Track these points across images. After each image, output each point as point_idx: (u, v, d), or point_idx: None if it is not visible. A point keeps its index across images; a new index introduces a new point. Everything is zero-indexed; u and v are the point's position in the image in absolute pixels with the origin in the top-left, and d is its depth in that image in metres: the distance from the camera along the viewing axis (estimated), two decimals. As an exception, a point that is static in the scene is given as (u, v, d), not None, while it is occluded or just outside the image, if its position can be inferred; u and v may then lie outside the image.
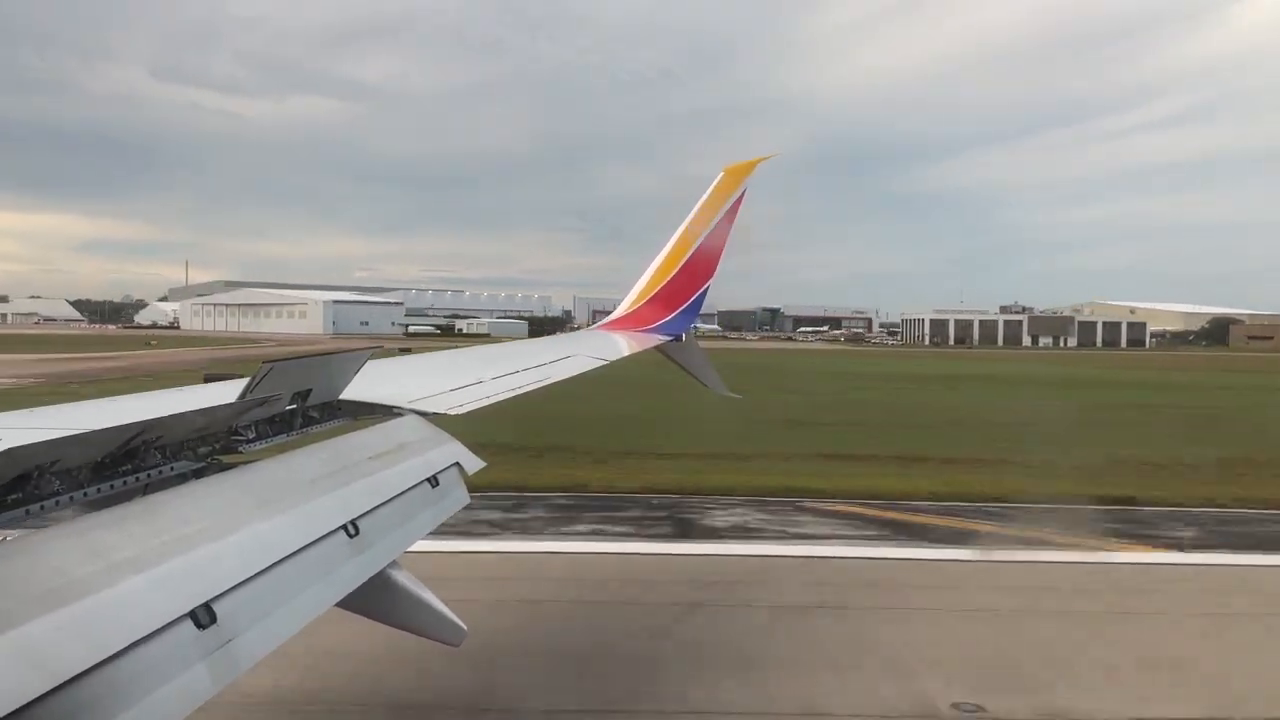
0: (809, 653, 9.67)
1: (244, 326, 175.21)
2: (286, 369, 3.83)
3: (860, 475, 20.46)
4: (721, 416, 26.82)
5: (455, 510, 4.32)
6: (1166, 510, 17.78)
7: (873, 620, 10.64)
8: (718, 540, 15.20)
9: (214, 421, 3.70)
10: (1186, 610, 11.38)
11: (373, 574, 3.45)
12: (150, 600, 2.39)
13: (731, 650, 9.64)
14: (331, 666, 8.71)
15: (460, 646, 4.37)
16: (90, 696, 2.06)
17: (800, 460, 22.97)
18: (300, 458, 3.74)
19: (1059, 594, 11.81)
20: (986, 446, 25.98)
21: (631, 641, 10.01)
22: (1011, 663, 9.45)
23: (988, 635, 10.29)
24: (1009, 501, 18.10)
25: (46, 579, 2.23)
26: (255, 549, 2.90)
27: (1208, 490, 19.22)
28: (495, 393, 5.96)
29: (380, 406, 4.87)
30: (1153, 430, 32.48)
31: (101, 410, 4.07)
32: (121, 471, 3.24)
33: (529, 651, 9.63)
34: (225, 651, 2.48)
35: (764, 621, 10.63)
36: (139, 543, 2.56)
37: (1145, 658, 9.69)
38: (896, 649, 9.68)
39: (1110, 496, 18.47)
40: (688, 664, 9.25)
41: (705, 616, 10.69)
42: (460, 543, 12.97)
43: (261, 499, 3.21)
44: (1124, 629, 10.62)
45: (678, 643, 9.79)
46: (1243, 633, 10.64)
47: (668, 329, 11.26)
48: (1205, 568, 13.70)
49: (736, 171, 11.38)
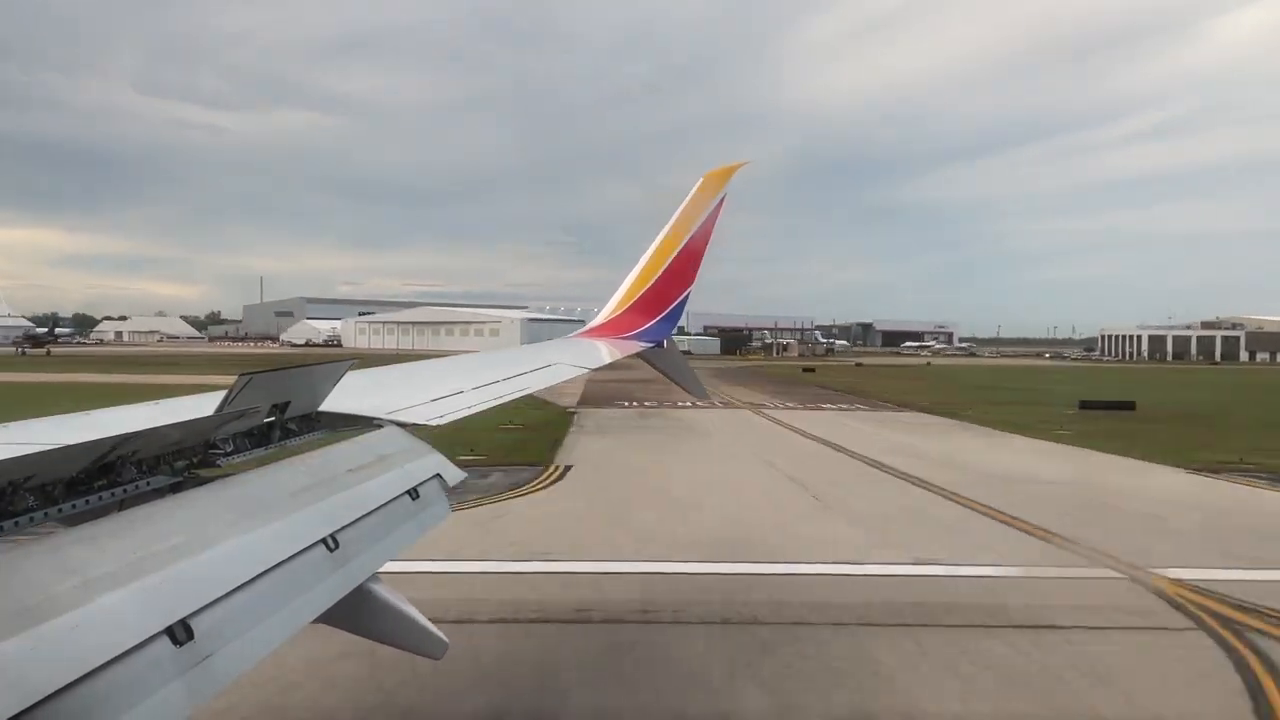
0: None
1: (418, 345, 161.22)
2: (265, 381, 3.81)
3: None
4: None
5: (437, 523, 4.30)
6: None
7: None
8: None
9: (191, 435, 3.67)
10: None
11: (353, 588, 3.43)
12: (126, 617, 2.36)
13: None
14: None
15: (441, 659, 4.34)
16: (65, 716, 2.04)
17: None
18: (279, 471, 3.71)
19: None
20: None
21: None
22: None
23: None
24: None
25: (20, 596, 2.20)
26: (233, 564, 2.87)
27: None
28: (477, 402, 5.94)
29: (360, 418, 4.84)
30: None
31: (76, 424, 4.02)
32: (97, 487, 3.20)
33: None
34: (203, 668, 2.46)
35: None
36: (114, 559, 2.53)
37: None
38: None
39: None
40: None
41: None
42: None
43: (240, 513, 3.18)
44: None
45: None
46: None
47: (649, 335, 11.27)
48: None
49: (717, 177, 11.43)
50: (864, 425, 35.91)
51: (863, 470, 23.81)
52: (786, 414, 39.79)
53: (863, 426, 35.51)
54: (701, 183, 11.42)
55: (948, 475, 22.63)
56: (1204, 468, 24.42)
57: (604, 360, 9.70)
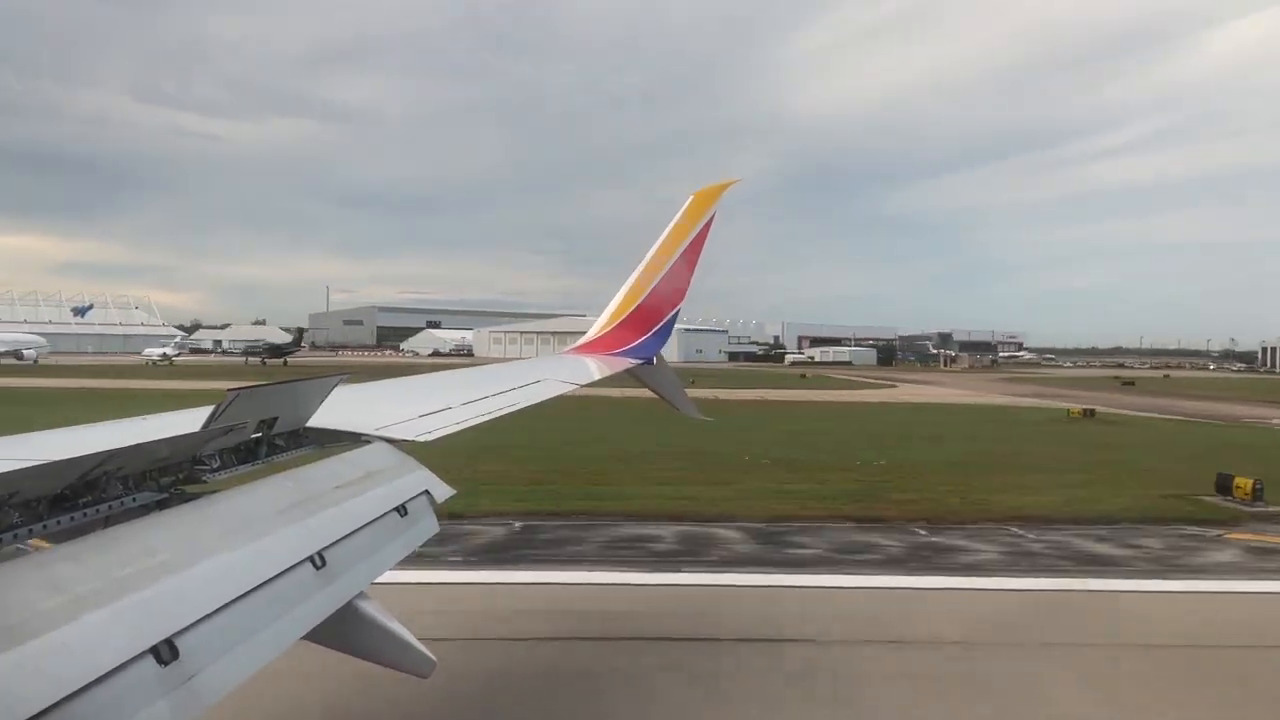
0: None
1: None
2: (252, 396, 3.79)
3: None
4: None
5: (425, 539, 4.28)
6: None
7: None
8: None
9: (177, 451, 3.64)
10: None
11: (340, 605, 3.41)
12: (111, 636, 2.34)
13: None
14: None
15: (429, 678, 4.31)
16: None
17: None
18: (266, 487, 3.69)
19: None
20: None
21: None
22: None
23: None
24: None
25: (4, 614, 2.18)
26: (219, 582, 2.85)
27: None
28: (466, 419, 5.92)
29: (347, 434, 4.82)
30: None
31: (62, 440, 3.99)
32: (82, 503, 3.17)
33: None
34: (188, 688, 2.43)
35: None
36: (99, 576, 2.50)
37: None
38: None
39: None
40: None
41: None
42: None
43: (226, 530, 3.16)
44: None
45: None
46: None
47: (639, 352, 11.27)
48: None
49: (706, 196, 11.47)
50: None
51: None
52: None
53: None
54: (691, 201, 11.46)
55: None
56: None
57: (594, 376, 9.69)
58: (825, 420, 45.79)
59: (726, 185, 11.61)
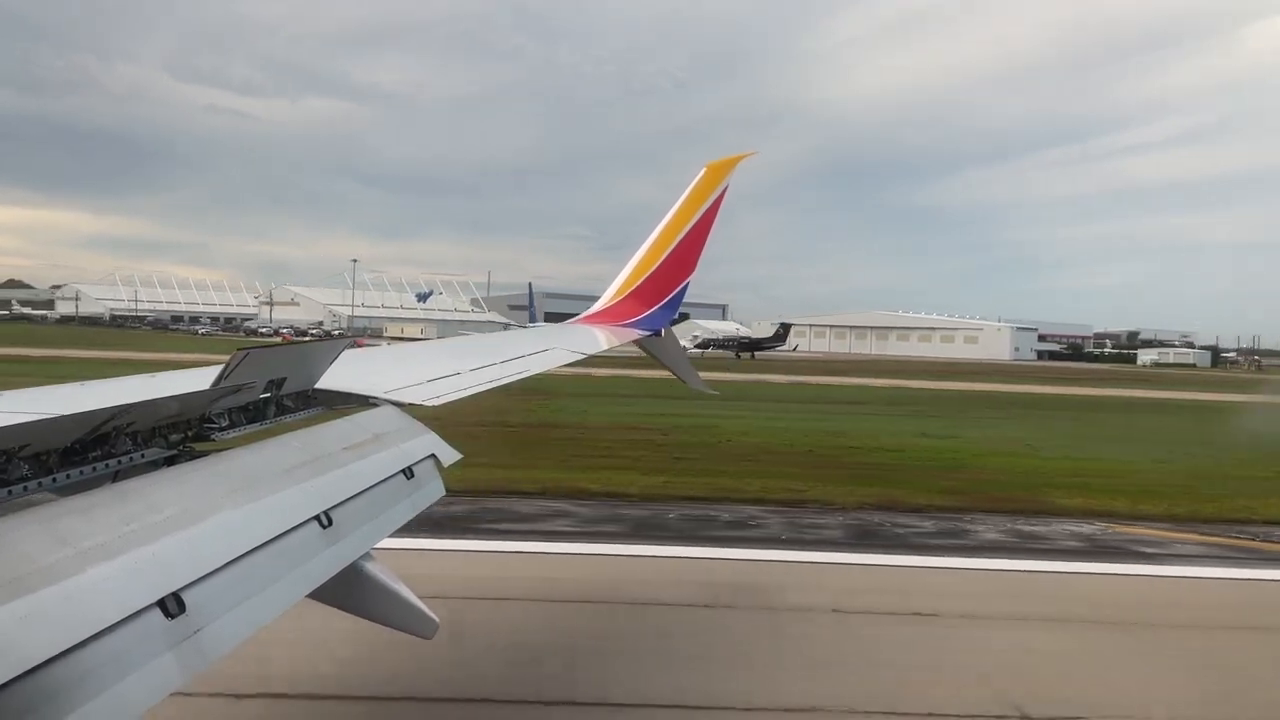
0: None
1: (856, 350, 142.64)
2: (261, 356, 3.80)
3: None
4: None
5: (431, 502, 4.30)
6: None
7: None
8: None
9: (187, 408, 3.66)
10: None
11: (345, 565, 3.44)
12: (118, 589, 2.36)
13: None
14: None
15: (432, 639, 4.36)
16: (54, 685, 2.04)
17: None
18: (274, 447, 3.71)
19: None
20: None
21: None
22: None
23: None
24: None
25: (11, 566, 2.20)
26: (226, 538, 2.87)
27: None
28: (474, 384, 5.93)
29: (356, 396, 4.84)
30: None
31: (73, 395, 4.01)
32: (91, 458, 3.19)
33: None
34: (193, 642, 2.46)
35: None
36: (107, 530, 2.52)
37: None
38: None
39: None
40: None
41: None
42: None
43: (233, 488, 3.18)
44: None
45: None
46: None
47: (647, 324, 11.24)
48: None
49: (719, 168, 11.37)
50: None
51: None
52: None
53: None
54: (704, 173, 11.37)
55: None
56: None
57: (601, 346, 9.70)
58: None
59: (740, 158, 11.50)
